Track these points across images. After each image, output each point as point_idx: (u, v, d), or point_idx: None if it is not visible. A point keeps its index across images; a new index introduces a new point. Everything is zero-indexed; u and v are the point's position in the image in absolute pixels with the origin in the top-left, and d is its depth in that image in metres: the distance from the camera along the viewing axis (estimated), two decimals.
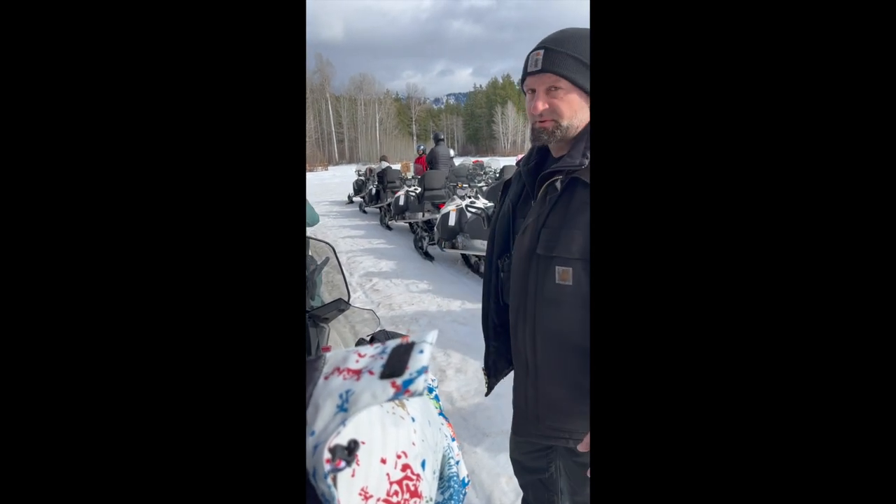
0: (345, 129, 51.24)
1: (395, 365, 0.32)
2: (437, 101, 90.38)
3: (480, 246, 3.78)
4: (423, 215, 5.43)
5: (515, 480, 1.57)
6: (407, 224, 6.12)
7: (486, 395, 1.07)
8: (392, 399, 0.31)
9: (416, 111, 63.13)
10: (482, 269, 3.96)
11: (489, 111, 62.34)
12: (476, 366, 2.34)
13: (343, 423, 0.29)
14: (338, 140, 50.65)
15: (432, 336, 0.33)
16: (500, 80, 69.84)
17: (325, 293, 1.17)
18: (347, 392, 0.31)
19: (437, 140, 6.95)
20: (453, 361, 2.39)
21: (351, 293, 0.83)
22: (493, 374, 1.02)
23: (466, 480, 0.36)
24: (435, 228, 4.57)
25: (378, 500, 0.28)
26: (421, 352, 0.32)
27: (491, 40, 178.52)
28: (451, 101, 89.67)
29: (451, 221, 4.21)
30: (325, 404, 0.31)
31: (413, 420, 0.32)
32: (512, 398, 0.91)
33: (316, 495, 0.28)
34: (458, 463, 0.35)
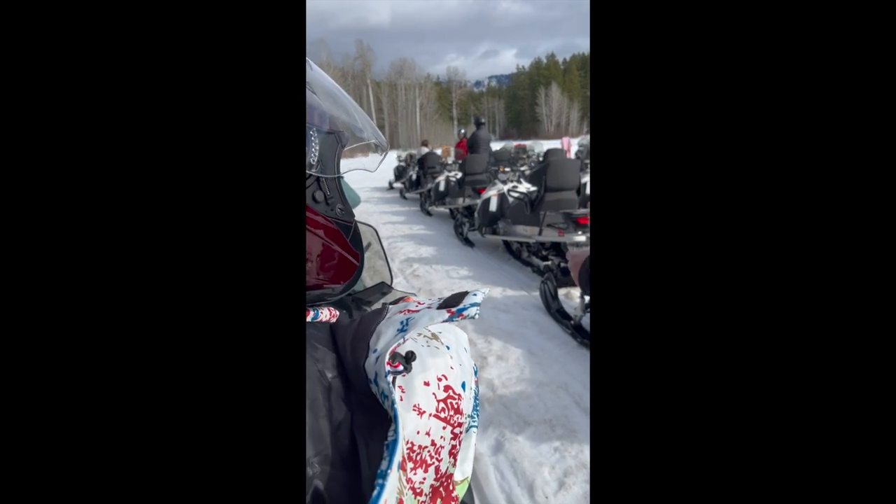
0: (385, 115, 51.72)
1: (452, 301, 0.38)
2: (478, 83, 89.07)
3: (522, 232, 3.70)
4: (464, 201, 5.39)
5: (558, 469, 1.54)
6: (447, 210, 6.11)
7: None
8: (447, 321, 0.37)
9: (457, 95, 62.61)
10: (524, 255, 3.91)
11: (532, 93, 60.75)
12: (518, 353, 2.31)
13: (403, 337, 0.35)
14: (378, 126, 51.00)
15: (485, 289, 0.41)
16: (545, 61, 67.76)
17: (367, 277, 1.18)
18: (407, 320, 0.37)
19: (478, 124, 6.84)
20: (494, 349, 2.37)
21: (393, 278, 0.83)
22: None
23: (475, 369, 0.42)
24: (475, 214, 4.52)
25: (430, 415, 0.33)
26: (475, 294, 0.39)
27: (539, 18, 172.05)
28: (493, 83, 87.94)
29: (492, 207, 4.15)
30: (387, 330, 0.37)
31: (448, 348, 0.37)
32: None
33: (369, 406, 0.33)
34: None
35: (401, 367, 0.33)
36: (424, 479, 0.32)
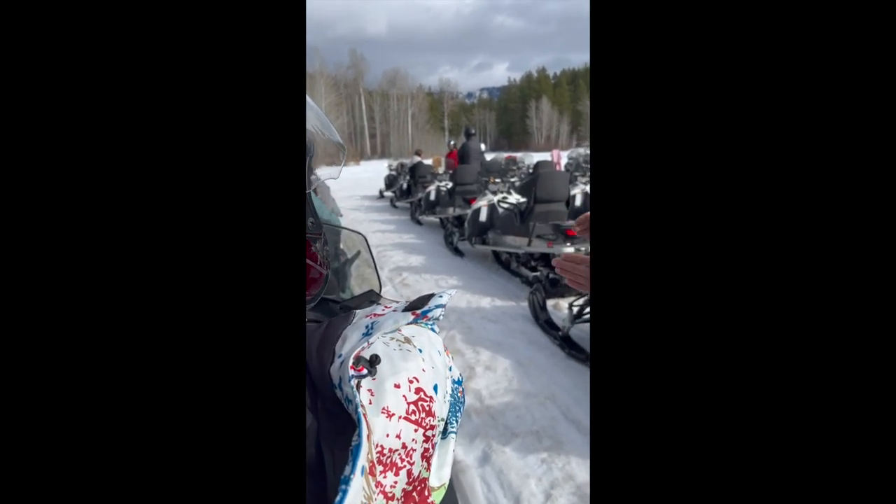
0: (377, 124, 51.89)
1: (417, 303, 0.39)
2: (469, 95, 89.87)
3: (512, 242, 3.72)
4: (454, 210, 5.41)
5: (545, 482, 1.54)
6: (437, 219, 6.12)
7: None
8: (411, 323, 0.37)
9: (449, 106, 63.16)
10: (513, 265, 3.93)
11: (523, 106, 61.53)
12: (506, 364, 2.31)
13: (367, 341, 0.34)
14: (370, 135, 51.37)
15: (452, 290, 0.42)
16: (536, 75, 68.81)
17: (356, 285, 1.17)
18: (373, 323, 0.37)
19: (469, 135, 6.89)
20: (482, 359, 2.37)
21: (381, 286, 0.83)
22: None
23: (460, 379, 0.42)
24: (465, 224, 4.54)
25: (399, 417, 0.32)
26: (441, 296, 0.39)
27: (532, 34, 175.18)
28: (485, 95, 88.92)
29: (482, 217, 4.17)
30: (352, 335, 0.36)
31: (420, 351, 0.37)
32: None
33: (335, 413, 0.33)
34: (450, 369, 0.41)
35: (364, 371, 0.32)
36: (396, 482, 0.31)
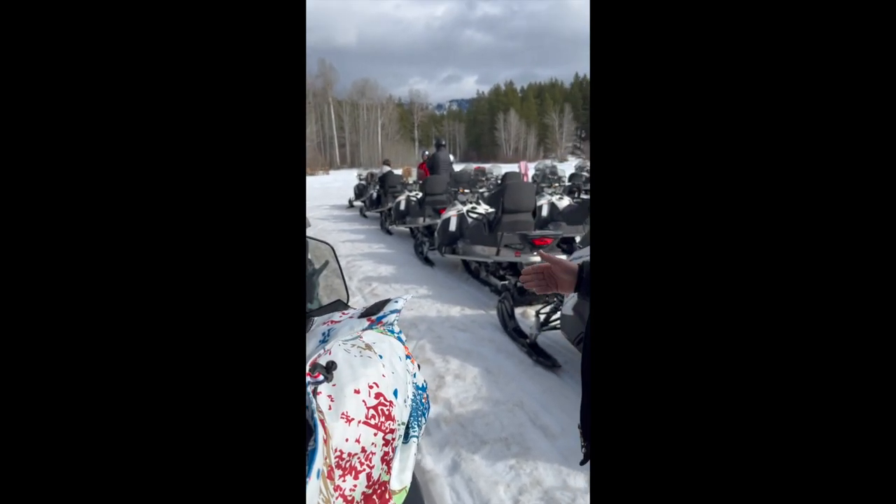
0: (346, 134, 51.40)
1: (373, 309, 0.39)
2: (439, 106, 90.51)
3: (480, 251, 3.77)
4: (424, 220, 5.43)
5: (513, 488, 1.56)
6: (407, 229, 6.11)
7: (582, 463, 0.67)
8: (366, 329, 0.37)
9: (419, 117, 63.35)
10: (482, 274, 3.96)
11: (491, 118, 62.50)
12: (475, 372, 2.32)
13: (323, 348, 0.35)
14: (339, 144, 50.77)
15: (408, 295, 0.50)
16: (503, 88, 70.15)
17: (324, 296, 1.16)
18: (329, 330, 0.38)
19: (439, 145, 6.95)
20: (452, 368, 2.38)
21: (350, 296, 0.83)
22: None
23: (424, 385, 0.42)
24: (435, 234, 4.56)
25: (359, 422, 0.32)
26: (396, 301, 0.40)
27: (500, 48, 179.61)
28: (454, 107, 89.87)
29: (452, 227, 4.20)
30: (309, 342, 0.37)
31: (381, 357, 0.37)
32: None
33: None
34: (415, 375, 0.41)
35: (321, 378, 0.33)
36: (355, 486, 0.31)
